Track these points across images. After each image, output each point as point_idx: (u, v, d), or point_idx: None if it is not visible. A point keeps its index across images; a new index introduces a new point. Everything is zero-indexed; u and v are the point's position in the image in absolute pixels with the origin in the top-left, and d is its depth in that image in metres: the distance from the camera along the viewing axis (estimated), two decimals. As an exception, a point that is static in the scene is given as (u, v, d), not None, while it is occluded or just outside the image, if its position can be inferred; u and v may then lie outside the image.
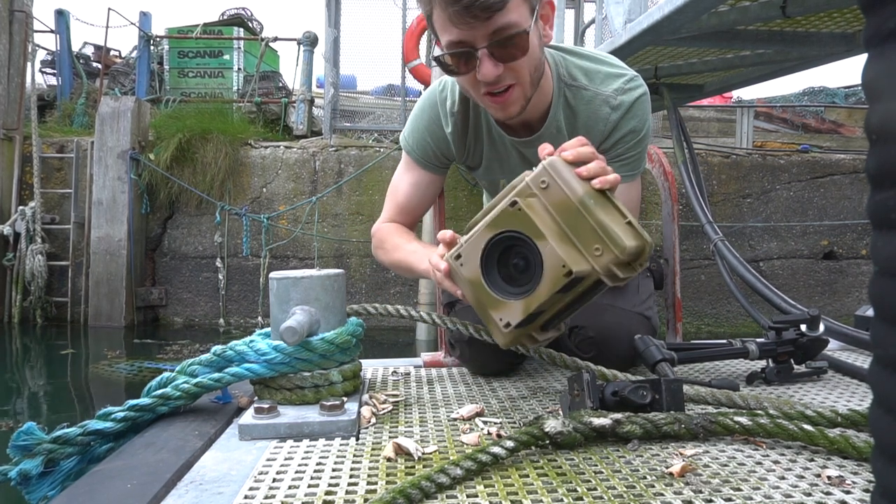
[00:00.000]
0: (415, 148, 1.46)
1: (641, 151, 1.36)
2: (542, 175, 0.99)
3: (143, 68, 8.16)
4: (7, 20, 6.94)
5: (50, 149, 6.75)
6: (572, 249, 0.97)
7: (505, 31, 1.11)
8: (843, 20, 3.35)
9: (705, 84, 4.88)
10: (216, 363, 1.17)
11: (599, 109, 1.31)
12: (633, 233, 0.97)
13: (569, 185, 0.97)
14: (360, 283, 6.49)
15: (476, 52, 1.13)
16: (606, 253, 0.95)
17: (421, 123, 1.44)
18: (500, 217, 1.01)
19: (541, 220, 0.98)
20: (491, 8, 1.08)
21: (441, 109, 1.41)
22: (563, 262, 0.96)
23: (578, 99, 1.32)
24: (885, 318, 0.42)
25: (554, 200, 0.98)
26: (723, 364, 1.57)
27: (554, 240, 0.97)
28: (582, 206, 0.96)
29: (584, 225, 0.96)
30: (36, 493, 1.03)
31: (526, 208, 0.98)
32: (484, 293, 1.04)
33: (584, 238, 0.97)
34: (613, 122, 1.31)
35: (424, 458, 0.98)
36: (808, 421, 1.03)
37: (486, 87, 1.19)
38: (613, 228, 0.95)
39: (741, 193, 6.56)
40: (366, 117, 7.94)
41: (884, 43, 0.41)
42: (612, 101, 1.30)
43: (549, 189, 0.98)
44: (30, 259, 6.26)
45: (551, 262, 0.97)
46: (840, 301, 6.58)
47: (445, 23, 1.13)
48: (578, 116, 1.32)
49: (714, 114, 9.49)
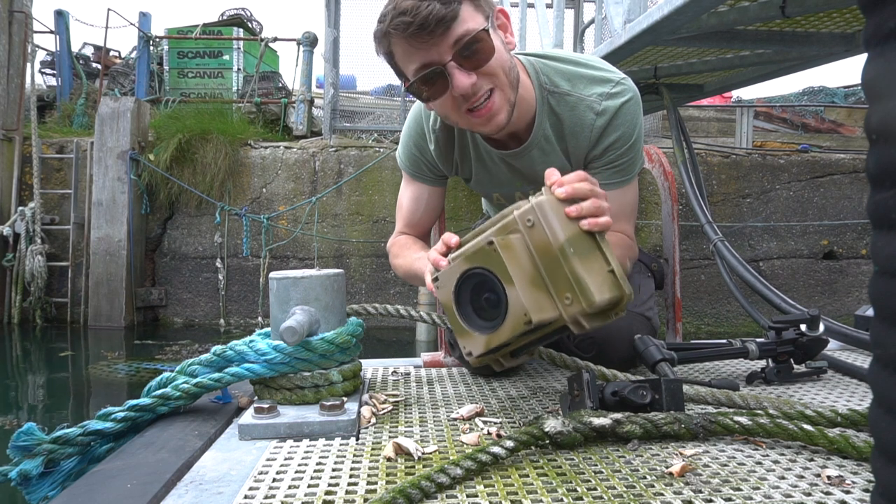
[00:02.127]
0: (407, 163, 1.46)
1: (634, 157, 1.33)
2: (529, 213, 0.97)
3: (142, 69, 8.16)
4: (7, 21, 6.94)
5: (50, 149, 6.74)
6: (542, 294, 0.97)
7: (465, 37, 1.10)
8: (843, 20, 3.35)
9: (705, 84, 4.88)
10: (216, 363, 1.17)
11: (584, 115, 1.28)
12: (610, 284, 0.95)
13: (552, 228, 0.96)
14: (360, 283, 6.49)
15: (445, 69, 1.12)
16: (576, 304, 0.94)
17: (409, 139, 1.44)
18: (477, 253, 1.01)
19: (515, 262, 0.98)
20: (444, 19, 1.07)
21: (425, 125, 1.41)
22: (525, 311, 0.97)
23: (562, 105, 1.29)
24: (885, 318, 0.42)
25: (536, 241, 0.97)
26: (723, 364, 1.58)
27: (524, 284, 0.97)
28: (561, 252, 0.95)
29: (559, 271, 0.95)
30: (36, 493, 1.04)
31: (501, 248, 0.98)
32: (454, 320, 1.05)
33: (557, 284, 0.96)
34: (600, 128, 1.28)
35: (424, 458, 0.98)
36: (808, 421, 1.04)
37: (465, 102, 1.16)
38: (587, 281, 0.94)
39: (741, 193, 6.56)
40: (365, 117, 7.93)
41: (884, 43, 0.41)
42: (595, 107, 1.27)
43: (533, 228, 0.97)
44: (29, 260, 6.26)
45: (515, 308, 0.98)
46: (840, 301, 6.58)
47: (406, 51, 1.13)
48: (564, 123, 1.30)
49: (714, 114, 9.49)
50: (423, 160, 1.44)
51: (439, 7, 1.07)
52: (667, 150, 4.77)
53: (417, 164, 1.45)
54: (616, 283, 0.96)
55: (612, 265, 0.97)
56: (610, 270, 0.96)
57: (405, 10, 1.07)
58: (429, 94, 1.17)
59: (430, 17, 1.06)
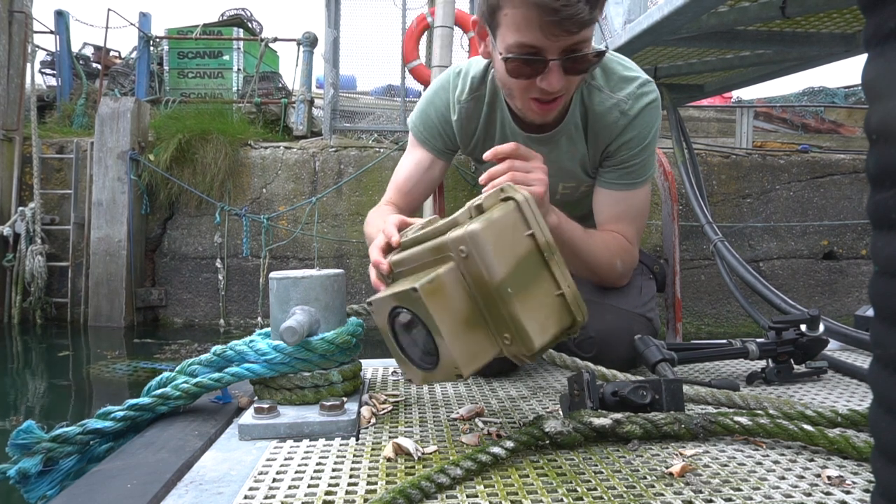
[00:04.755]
0: (421, 128, 1.44)
1: (645, 160, 1.33)
2: (461, 242, 0.86)
3: (142, 69, 8.16)
4: (6, 21, 6.93)
5: (50, 149, 6.74)
6: (478, 334, 0.89)
7: (583, 46, 1.10)
8: (843, 20, 3.35)
9: (705, 84, 4.88)
10: (216, 363, 1.17)
11: (610, 113, 1.29)
12: (556, 317, 0.89)
13: (487, 264, 0.85)
14: (360, 283, 6.49)
15: (548, 63, 1.11)
16: (515, 345, 0.88)
17: (430, 106, 1.43)
18: (403, 294, 0.90)
19: (443, 309, 0.87)
20: (584, 24, 1.06)
21: (452, 95, 1.40)
22: (455, 364, 0.88)
23: (592, 98, 1.30)
24: (885, 318, 0.42)
25: (471, 273, 0.87)
26: (723, 364, 1.57)
27: (454, 332, 0.87)
28: (497, 292, 0.85)
29: (497, 311, 0.87)
30: (35, 491, 1.03)
31: (426, 296, 0.86)
32: (391, 346, 0.99)
33: (496, 321, 0.88)
34: (621, 126, 1.29)
35: (424, 458, 0.98)
36: (808, 421, 1.03)
37: (539, 94, 1.16)
38: (527, 325, 0.86)
39: (741, 193, 6.56)
40: (366, 118, 7.93)
41: (884, 43, 0.41)
42: (622, 106, 1.28)
43: (468, 259, 0.86)
44: (29, 260, 6.26)
45: (445, 359, 0.89)
46: (840, 301, 6.58)
47: (526, 25, 1.09)
48: (590, 115, 1.30)
49: (714, 114, 9.48)
50: (440, 128, 1.42)
51: (587, 13, 1.05)
52: (667, 150, 4.77)
53: (432, 131, 1.43)
54: (564, 310, 0.89)
55: (561, 288, 0.89)
56: (559, 294, 0.89)
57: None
58: (516, 69, 1.15)
59: (575, 16, 1.04)
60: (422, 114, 1.44)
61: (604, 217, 1.36)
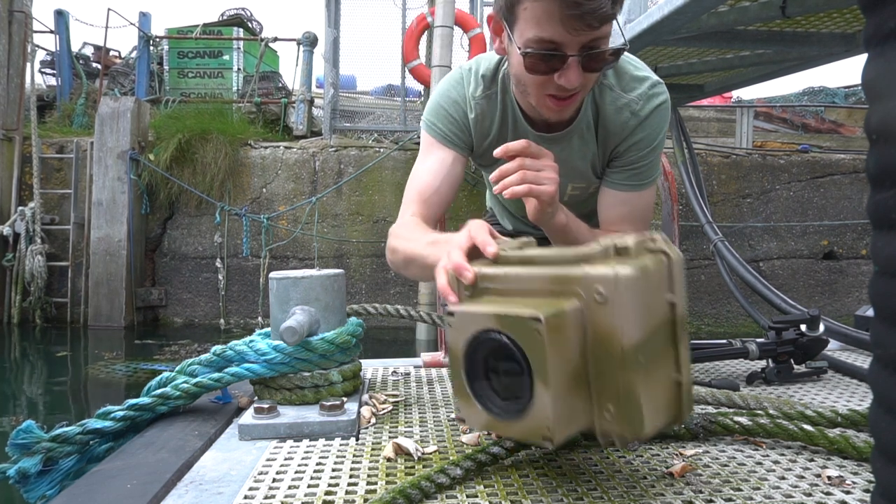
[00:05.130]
0: (438, 125, 1.36)
1: (652, 161, 1.31)
2: (603, 284, 0.71)
3: (142, 69, 8.16)
4: (6, 20, 6.94)
5: (49, 149, 6.75)
6: (578, 398, 0.75)
7: (602, 42, 1.09)
8: (843, 20, 3.35)
9: (705, 84, 4.88)
10: (216, 363, 1.17)
11: (621, 113, 1.27)
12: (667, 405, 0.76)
13: (628, 321, 0.70)
14: (360, 283, 6.49)
15: (567, 58, 1.10)
16: (618, 423, 0.73)
17: (446, 101, 1.36)
18: (514, 320, 0.74)
19: (560, 353, 0.72)
20: (606, 19, 1.05)
21: (466, 91, 1.35)
22: (548, 425, 0.73)
23: (604, 97, 1.28)
24: (885, 318, 0.42)
25: (598, 324, 0.72)
26: (723, 364, 1.57)
27: (560, 385, 0.73)
28: (623, 356, 0.71)
29: (611, 375, 0.73)
30: (34, 491, 1.03)
31: (549, 332, 0.71)
32: (456, 375, 0.83)
33: (603, 388, 0.74)
34: (632, 127, 1.28)
35: (424, 458, 0.98)
36: (808, 421, 1.03)
37: (556, 90, 1.14)
38: (643, 404, 0.72)
39: (741, 193, 6.56)
40: (366, 117, 7.94)
41: (884, 43, 0.41)
42: (633, 107, 1.27)
43: (602, 307, 0.72)
44: (29, 259, 6.26)
45: (537, 414, 0.74)
46: (840, 301, 6.58)
47: (547, 19, 1.07)
48: (602, 114, 1.29)
49: (714, 114, 9.49)
50: (460, 122, 1.35)
51: (609, 7, 1.04)
52: (667, 150, 4.76)
53: (453, 126, 1.35)
54: (675, 400, 0.77)
55: (682, 374, 0.76)
56: (677, 381, 0.76)
57: None
58: (534, 64, 1.13)
59: (598, 10, 1.03)
60: (438, 110, 1.36)
61: (609, 217, 1.36)
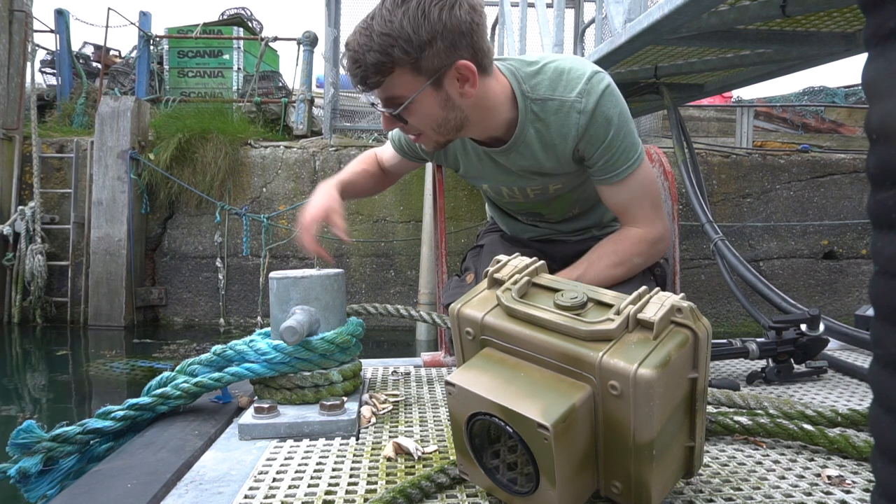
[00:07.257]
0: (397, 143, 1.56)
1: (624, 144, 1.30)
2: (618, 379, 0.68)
3: (142, 68, 8.16)
4: (7, 20, 6.93)
5: (50, 149, 6.74)
6: (584, 476, 0.74)
7: (390, 101, 1.20)
8: (843, 20, 3.35)
9: (705, 84, 4.88)
10: (216, 363, 1.17)
11: (569, 117, 1.28)
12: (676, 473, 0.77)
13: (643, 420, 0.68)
14: (360, 283, 6.49)
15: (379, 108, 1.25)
16: (625, 499, 0.74)
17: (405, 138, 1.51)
18: (519, 418, 0.70)
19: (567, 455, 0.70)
20: (370, 86, 1.18)
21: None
22: None
23: (547, 110, 1.29)
24: (885, 318, 0.42)
25: (611, 414, 0.70)
26: (723, 364, 1.57)
27: (566, 480, 0.71)
28: (637, 450, 0.70)
29: (620, 461, 0.72)
30: (35, 491, 1.03)
31: (556, 439, 0.67)
32: (459, 439, 0.80)
33: (613, 468, 0.73)
34: (584, 125, 1.28)
35: (424, 457, 0.98)
36: (808, 421, 1.03)
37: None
38: (653, 488, 0.72)
39: (741, 193, 6.56)
40: (366, 117, 7.92)
41: (884, 42, 0.40)
42: (578, 106, 1.27)
43: (617, 400, 0.69)
44: (29, 259, 6.26)
45: (542, 501, 0.73)
46: (840, 301, 6.58)
47: None
48: (550, 127, 1.30)
49: (714, 113, 9.48)
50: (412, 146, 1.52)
51: (371, 74, 1.15)
52: (667, 149, 4.77)
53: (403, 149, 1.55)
54: (686, 461, 0.78)
55: (695, 440, 0.76)
56: (689, 446, 0.77)
57: (348, 60, 1.17)
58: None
59: (359, 78, 1.17)
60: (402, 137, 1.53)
61: (615, 207, 1.38)
